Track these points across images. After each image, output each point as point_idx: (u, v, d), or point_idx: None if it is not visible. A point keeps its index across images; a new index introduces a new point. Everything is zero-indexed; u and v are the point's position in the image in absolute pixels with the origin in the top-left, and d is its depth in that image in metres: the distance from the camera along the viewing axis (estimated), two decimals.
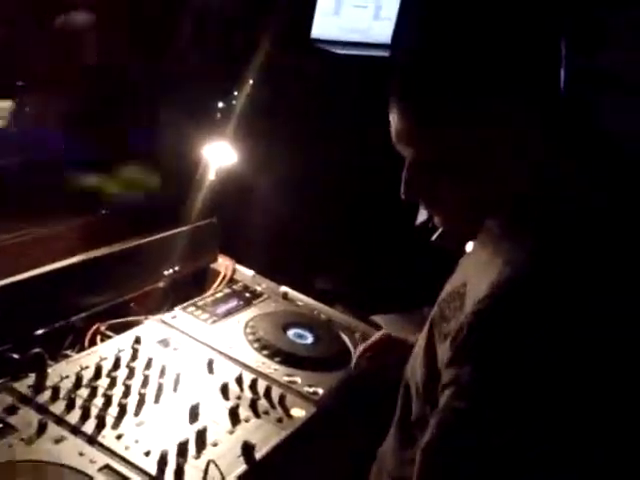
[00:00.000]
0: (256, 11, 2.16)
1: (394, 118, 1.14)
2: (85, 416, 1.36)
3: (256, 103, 2.08)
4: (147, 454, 1.30)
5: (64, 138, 2.04)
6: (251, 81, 2.08)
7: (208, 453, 1.33)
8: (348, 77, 2.41)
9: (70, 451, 1.27)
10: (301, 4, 2.41)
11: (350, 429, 1.59)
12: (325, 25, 2.49)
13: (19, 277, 1.59)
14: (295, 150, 2.25)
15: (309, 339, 1.80)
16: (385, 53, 2.62)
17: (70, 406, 1.38)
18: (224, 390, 1.53)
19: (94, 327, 1.69)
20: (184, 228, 2.00)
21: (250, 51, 2.08)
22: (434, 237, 1.34)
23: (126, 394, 1.44)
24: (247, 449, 1.35)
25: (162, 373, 1.53)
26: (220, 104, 2.06)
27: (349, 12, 2.55)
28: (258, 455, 1.36)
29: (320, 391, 1.59)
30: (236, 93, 2.09)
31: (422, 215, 2.47)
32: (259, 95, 2.09)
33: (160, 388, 1.48)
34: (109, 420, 1.36)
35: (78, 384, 1.44)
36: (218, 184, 2.04)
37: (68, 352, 1.61)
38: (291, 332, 1.81)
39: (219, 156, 2.03)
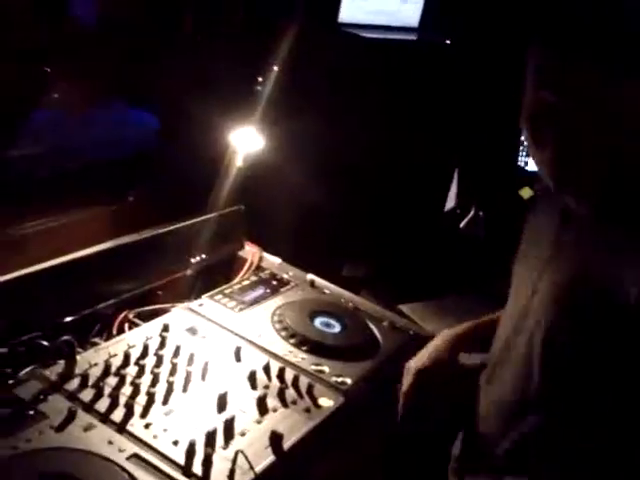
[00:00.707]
0: None
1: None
2: (114, 404, 1.36)
3: (283, 89, 2.06)
4: (175, 443, 1.29)
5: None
6: (276, 67, 2.06)
7: (236, 443, 1.33)
8: (376, 61, 2.38)
9: (99, 439, 1.28)
10: None
11: (379, 420, 1.58)
12: (352, 9, 2.46)
13: (47, 265, 1.59)
14: (322, 136, 2.23)
15: (336, 328, 1.79)
16: (413, 36, 2.59)
17: (99, 394, 1.38)
18: (252, 379, 1.52)
19: (122, 315, 1.69)
20: (211, 215, 1.99)
21: (277, 36, 2.06)
22: (463, 224, 1.32)
23: (154, 382, 1.44)
24: (275, 439, 1.35)
25: (190, 361, 1.53)
26: (247, 90, 2.04)
27: None
28: (286, 445, 1.35)
29: (348, 381, 1.58)
30: (261, 79, 2.07)
31: (451, 201, 2.45)
32: (286, 81, 2.07)
33: (188, 376, 1.48)
34: (137, 409, 1.36)
35: (107, 372, 1.44)
36: (245, 171, 2.03)
37: (96, 340, 1.62)
38: (318, 320, 1.80)
39: (246, 142, 2.01)
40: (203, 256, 1.96)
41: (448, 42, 2.47)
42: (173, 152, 2.06)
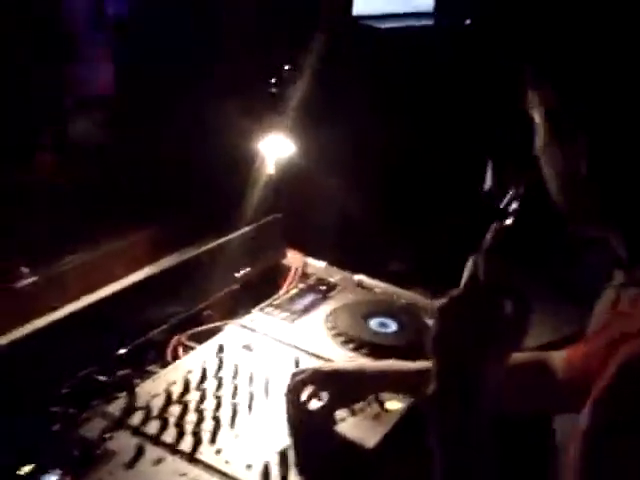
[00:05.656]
0: None
1: None
2: (181, 434, 1.33)
3: (306, 91, 2.02)
4: (249, 467, 1.26)
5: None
6: (296, 70, 2.02)
7: None
8: (396, 52, 2.33)
9: (171, 472, 1.24)
10: None
11: None
12: (365, 0, 2.41)
13: (95, 298, 1.58)
14: (352, 134, 2.18)
15: (393, 327, 1.75)
16: (430, 21, 2.53)
17: (164, 425, 1.34)
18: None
19: (175, 339, 1.66)
20: (249, 228, 1.96)
21: (295, 40, 2.03)
22: (503, 204, 1.25)
23: (218, 406, 1.41)
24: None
25: (251, 380, 1.49)
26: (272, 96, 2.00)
27: None
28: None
29: None
30: (281, 83, 2.03)
31: (488, 182, 2.39)
32: (308, 83, 2.03)
33: (251, 396, 1.44)
34: (205, 435, 1.33)
35: (169, 401, 1.41)
36: (278, 178, 1.99)
37: (152, 368, 1.59)
38: (373, 321, 1.76)
39: (276, 149, 1.97)
40: (247, 269, 1.92)
41: (468, 22, 2.40)
42: (202, 166, 2.03)
